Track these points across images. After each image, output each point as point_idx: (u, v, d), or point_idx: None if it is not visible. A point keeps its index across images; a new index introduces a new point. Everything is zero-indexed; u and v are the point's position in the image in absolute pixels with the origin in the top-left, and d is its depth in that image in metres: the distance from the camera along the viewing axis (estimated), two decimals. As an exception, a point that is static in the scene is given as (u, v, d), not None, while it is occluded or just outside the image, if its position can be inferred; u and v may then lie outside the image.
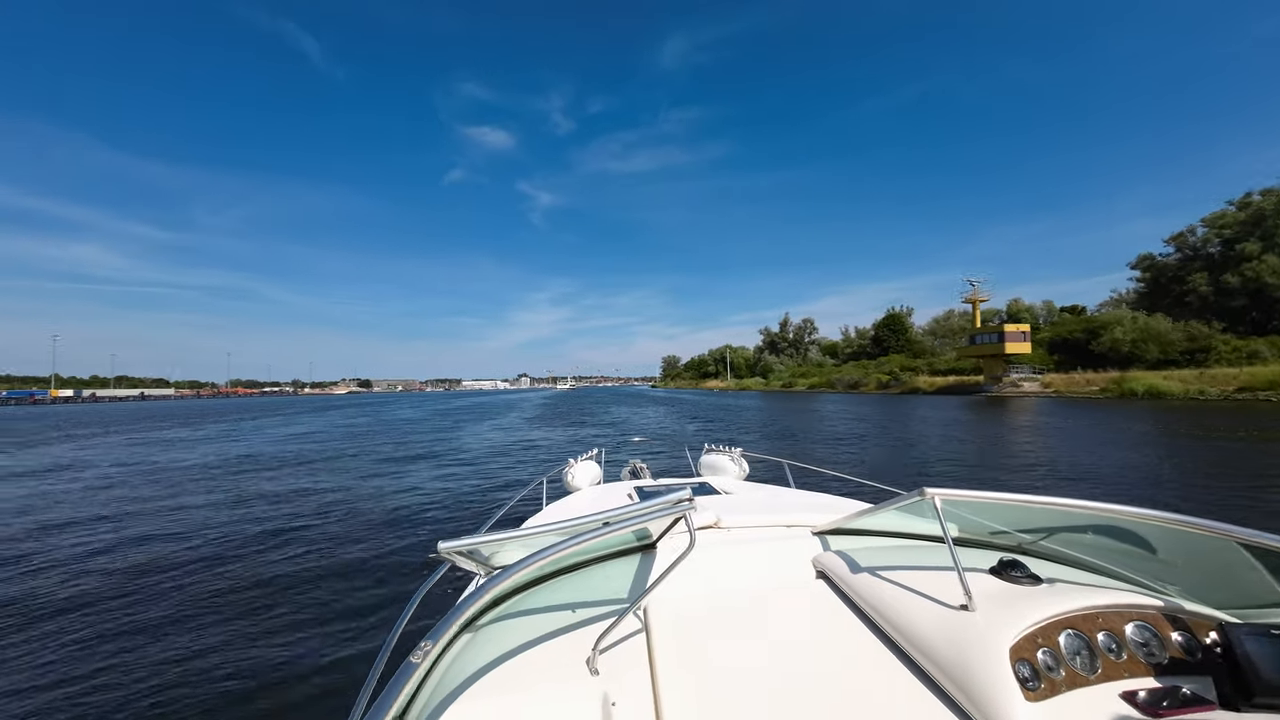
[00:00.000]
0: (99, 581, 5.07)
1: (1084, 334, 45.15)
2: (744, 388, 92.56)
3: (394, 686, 0.91)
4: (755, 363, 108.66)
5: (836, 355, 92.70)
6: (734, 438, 18.07)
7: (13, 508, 8.46)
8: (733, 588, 1.54)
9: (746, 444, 6.54)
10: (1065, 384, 39.60)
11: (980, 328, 48.96)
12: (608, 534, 1.17)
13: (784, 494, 2.77)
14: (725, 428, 21.62)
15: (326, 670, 3.40)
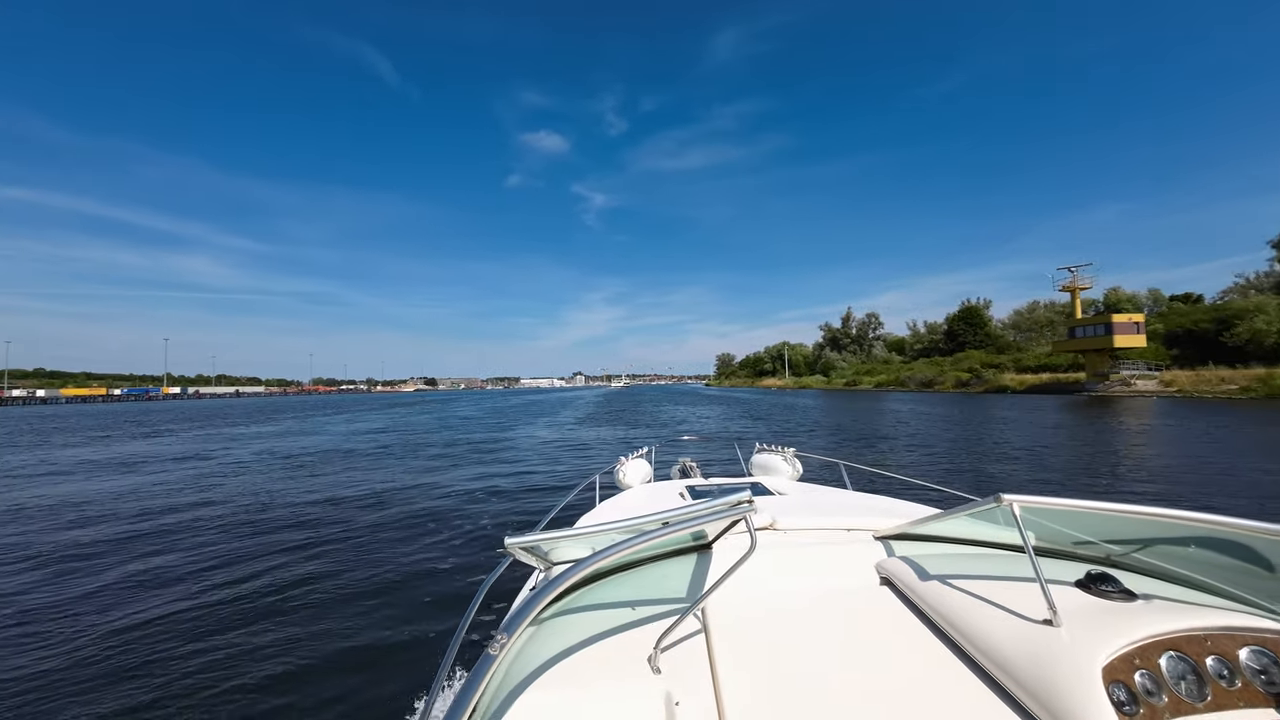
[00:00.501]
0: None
1: (1213, 325, 39.02)
2: (803, 386, 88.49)
3: (475, 677, 0.92)
4: (815, 360, 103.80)
5: (903, 352, 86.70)
6: (792, 438, 16.79)
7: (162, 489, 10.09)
8: (792, 591, 1.51)
9: (801, 444, 5.99)
10: (1192, 382, 34.29)
11: (1082, 319, 43.28)
12: (667, 534, 1.17)
13: (842, 496, 2.66)
14: (786, 428, 19.77)
15: (396, 650, 3.70)
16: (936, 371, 58.73)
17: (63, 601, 4.74)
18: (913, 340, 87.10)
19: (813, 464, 4.29)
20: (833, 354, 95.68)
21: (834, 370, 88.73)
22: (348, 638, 3.94)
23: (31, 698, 3.28)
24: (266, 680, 3.38)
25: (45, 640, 4.02)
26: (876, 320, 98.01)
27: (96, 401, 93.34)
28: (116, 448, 17.52)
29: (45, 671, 3.55)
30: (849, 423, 21.75)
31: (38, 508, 8.66)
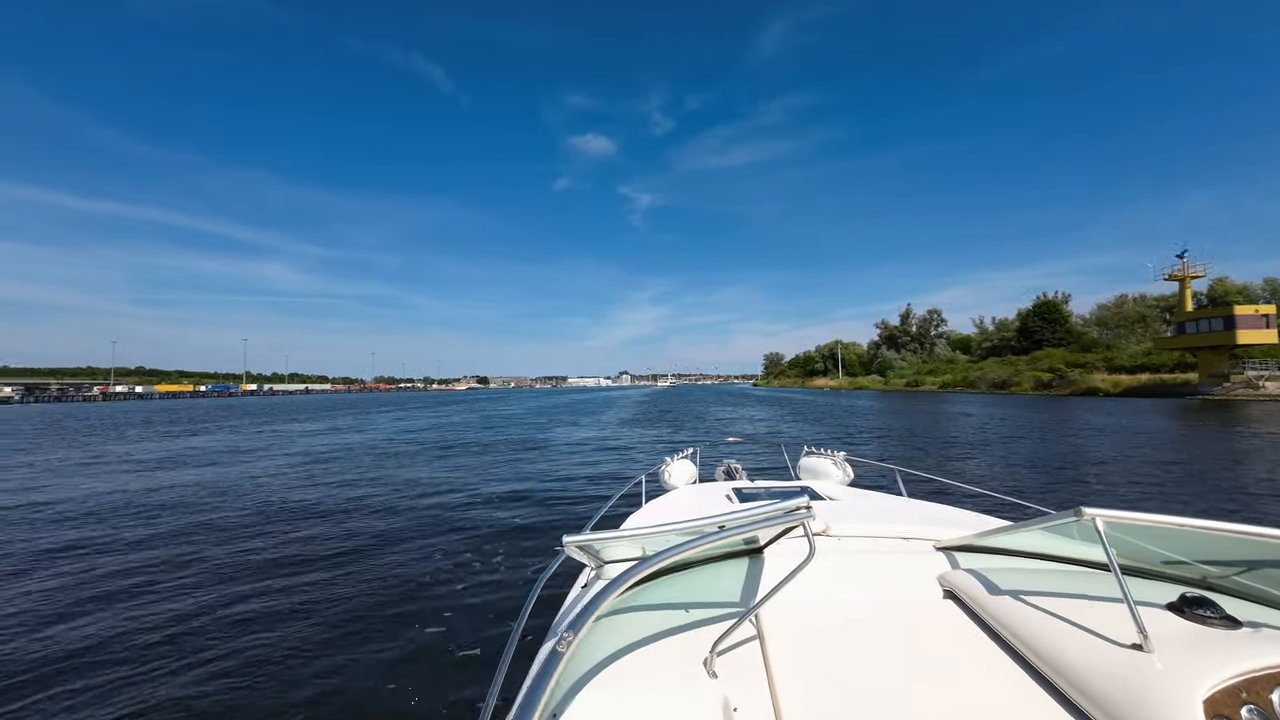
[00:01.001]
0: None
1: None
2: (858, 386, 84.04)
3: (544, 673, 0.91)
4: (871, 359, 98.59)
5: (969, 350, 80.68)
6: (857, 444, 15.24)
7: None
8: (849, 600, 1.46)
9: (854, 448, 6.21)
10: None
11: (1195, 313, 37.97)
12: (724, 538, 1.15)
13: (898, 503, 2.55)
14: (847, 433, 17.86)
15: (449, 641, 3.78)
16: (1011, 371, 53.76)
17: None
18: (980, 338, 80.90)
19: (864, 469, 4.15)
20: (890, 353, 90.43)
21: (892, 370, 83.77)
22: (400, 630, 4.02)
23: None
24: (318, 679, 3.35)
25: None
26: (939, 317, 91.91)
27: (185, 397, 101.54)
28: (202, 440, 18.97)
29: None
30: (920, 427, 19.55)
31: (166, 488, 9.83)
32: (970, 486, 3.20)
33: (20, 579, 5.24)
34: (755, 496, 2.64)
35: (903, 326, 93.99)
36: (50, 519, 7.66)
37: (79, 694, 3.24)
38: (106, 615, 4.35)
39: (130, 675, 3.44)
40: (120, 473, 11.81)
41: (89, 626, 4.16)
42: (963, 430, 18.15)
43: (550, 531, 6.45)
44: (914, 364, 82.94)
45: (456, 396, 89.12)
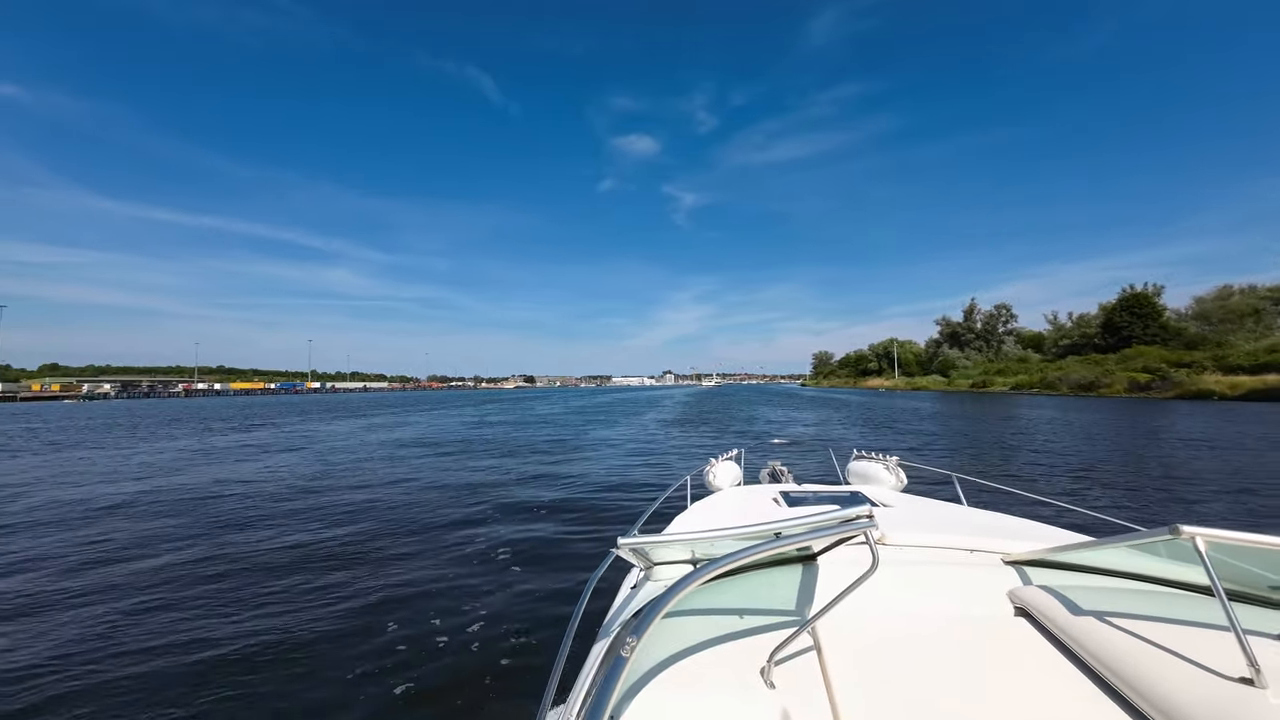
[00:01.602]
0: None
1: None
2: (917, 387, 79.02)
3: (611, 677, 0.89)
4: (930, 358, 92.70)
5: (1041, 349, 74.10)
6: (914, 449, 14.17)
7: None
8: (910, 613, 1.41)
9: (905, 453, 5.86)
10: None
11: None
12: (782, 546, 1.12)
13: (959, 512, 2.41)
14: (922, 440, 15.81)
15: (500, 638, 3.72)
16: (1098, 372, 48.50)
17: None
18: (1055, 335, 74.09)
19: (918, 475, 3.90)
20: (953, 351, 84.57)
21: (955, 370, 78.24)
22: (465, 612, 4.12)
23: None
24: (373, 680, 3.30)
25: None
26: (1008, 312, 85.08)
27: (256, 394, 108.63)
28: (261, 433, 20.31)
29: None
30: (995, 433, 17.19)
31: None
32: (1038, 496, 3.01)
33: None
34: (803, 501, 2.49)
35: (966, 323, 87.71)
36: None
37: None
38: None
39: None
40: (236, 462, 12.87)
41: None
42: (1046, 436, 15.74)
43: (572, 543, 6.03)
44: (980, 363, 77.11)
45: (503, 395, 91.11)
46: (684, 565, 1.59)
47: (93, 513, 7.78)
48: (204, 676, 3.34)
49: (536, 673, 3.27)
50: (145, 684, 3.27)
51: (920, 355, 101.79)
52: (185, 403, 66.83)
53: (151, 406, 52.68)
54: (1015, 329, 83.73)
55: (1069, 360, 59.46)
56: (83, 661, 3.53)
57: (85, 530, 6.78)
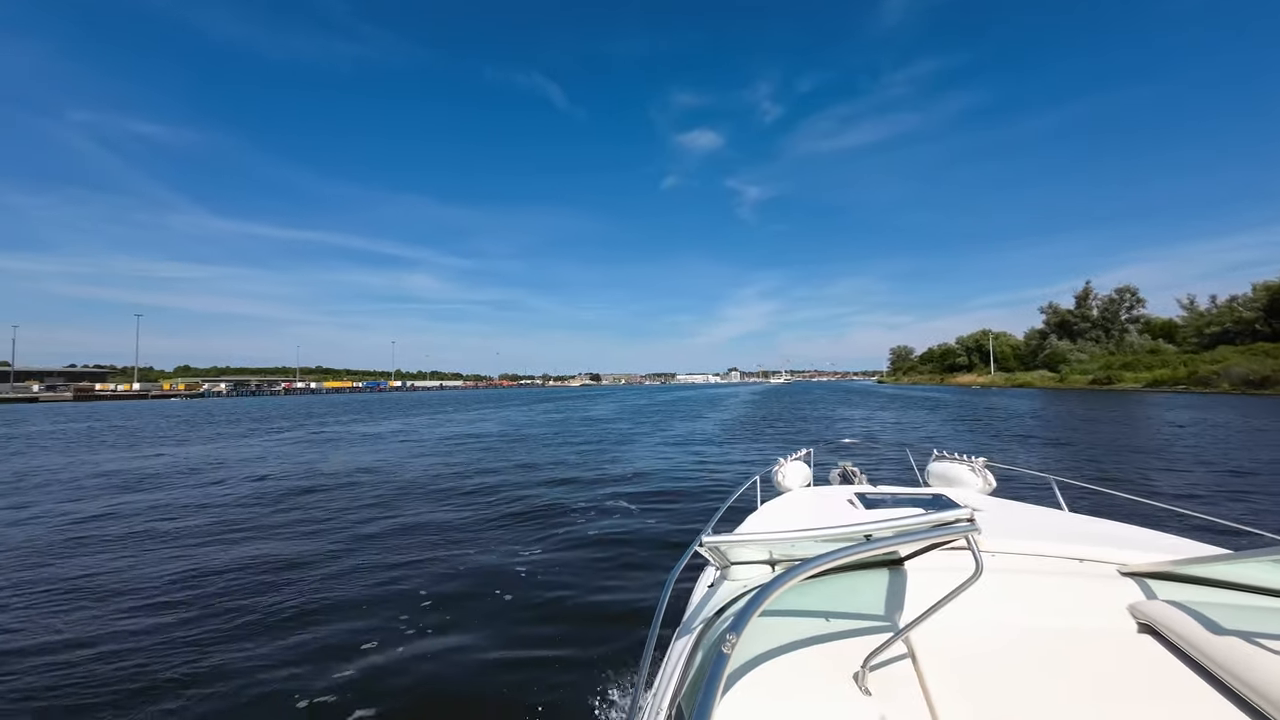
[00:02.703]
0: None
1: None
2: (1019, 383, 69.95)
3: (715, 674, 0.88)
4: (1033, 350, 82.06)
5: (1174, 338, 62.85)
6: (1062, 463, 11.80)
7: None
8: (1016, 625, 1.31)
9: (992, 454, 4.87)
10: None
11: None
12: (873, 550, 1.07)
13: (1063, 519, 2.24)
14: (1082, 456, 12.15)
15: (584, 637, 3.80)
16: (1272, 365, 39.43)
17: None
18: (1196, 322, 62.47)
19: (1008, 478, 3.66)
20: (1063, 343, 74.09)
21: (1066, 364, 68.31)
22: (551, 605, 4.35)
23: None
24: (455, 676, 3.39)
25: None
26: (1133, 296, 73.26)
27: (345, 392, 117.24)
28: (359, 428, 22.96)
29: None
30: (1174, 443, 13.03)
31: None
32: (1154, 503, 2.72)
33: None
34: (881, 503, 2.37)
35: (1079, 310, 76.59)
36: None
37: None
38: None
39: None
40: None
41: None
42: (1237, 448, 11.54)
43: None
44: (1098, 356, 66.74)
45: (570, 392, 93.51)
46: (761, 566, 1.56)
47: (278, 489, 9.42)
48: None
49: (608, 662, 3.41)
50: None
51: (1019, 348, 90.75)
52: (285, 400, 73.67)
53: (257, 403, 58.81)
54: (1141, 315, 71.92)
55: (1222, 350, 49.37)
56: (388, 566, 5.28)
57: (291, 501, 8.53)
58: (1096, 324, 73.86)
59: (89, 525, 7.20)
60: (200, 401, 72.16)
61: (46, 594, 4.79)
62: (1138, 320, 71.66)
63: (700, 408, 34.44)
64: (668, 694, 1.15)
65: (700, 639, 1.37)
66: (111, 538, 6.56)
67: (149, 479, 10.80)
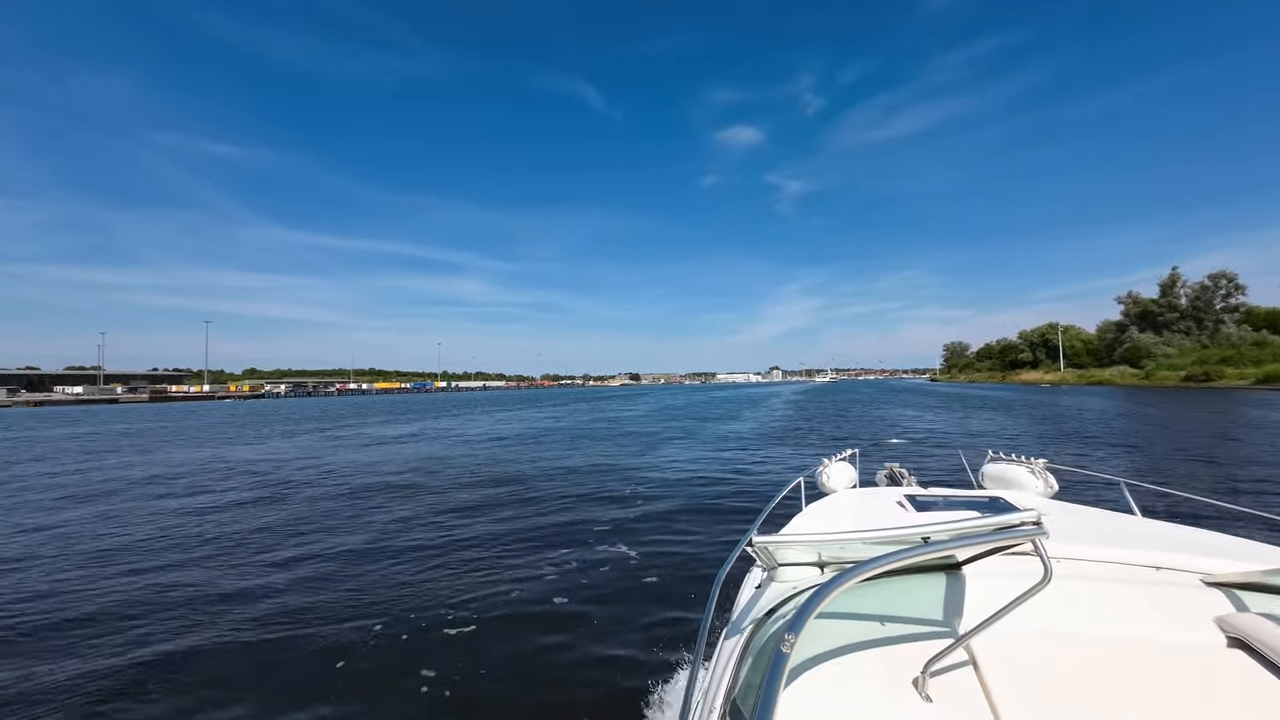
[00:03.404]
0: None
1: None
2: (1095, 380, 63.88)
3: (774, 673, 0.87)
4: (1109, 345, 74.90)
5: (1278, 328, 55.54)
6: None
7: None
8: (1086, 634, 1.24)
9: (1054, 454, 5.39)
10: None
11: None
12: (929, 552, 1.05)
13: (1136, 524, 2.10)
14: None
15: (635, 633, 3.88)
16: None
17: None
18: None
19: (1071, 481, 3.54)
20: (1144, 336, 67.09)
21: (1150, 358, 61.71)
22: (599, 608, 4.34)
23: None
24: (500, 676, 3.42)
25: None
26: (1231, 283, 65.33)
27: (393, 393, 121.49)
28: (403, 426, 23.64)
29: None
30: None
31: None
32: (1239, 507, 2.56)
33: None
34: (933, 505, 2.31)
35: (1165, 299, 69.17)
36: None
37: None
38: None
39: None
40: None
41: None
42: None
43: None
44: (1189, 350, 59.93)
45: (608, 392, 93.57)
46: (809, 568, 1.54)
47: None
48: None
49: (653, 661, 3.46)
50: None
51: (1091, 343, 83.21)
52: (336, 400, 77.19)
53: (310, 403, 62.52)
54: (1243, 304, 64.10)
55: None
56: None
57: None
58: (1186, 314, 66.38)
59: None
60: (259, 402, 76.47)
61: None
62: (1236, 309, 63.85)
63: (741, 409, 32.58)
64: (720, 693, 1.14)
65: (751, 639, 1.35)
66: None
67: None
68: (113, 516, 7.97)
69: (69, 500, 9.25)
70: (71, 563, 5.85)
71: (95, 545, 6.49)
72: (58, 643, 3.97)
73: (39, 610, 4.54)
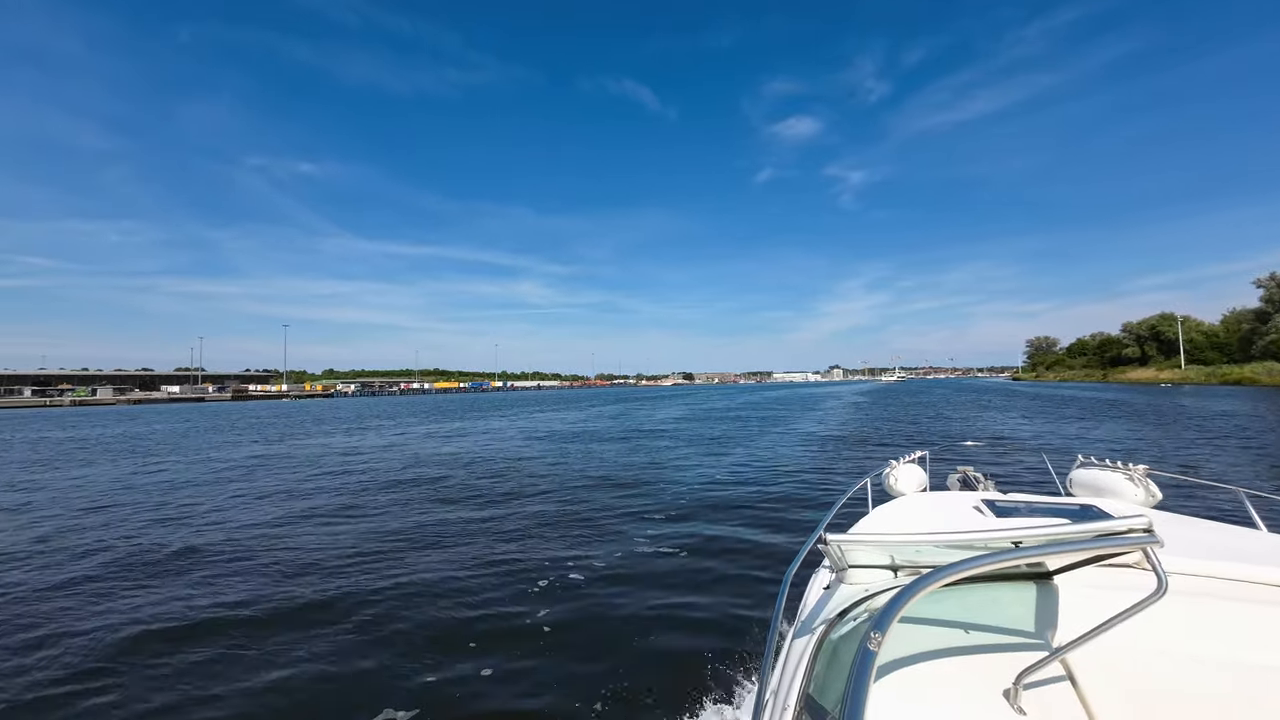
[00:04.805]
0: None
1: None
2: (1230, 379, 54.07)
3: (863, 672, 0.86)
4: (1245, 338, 63.48)
5: None
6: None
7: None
8: (1202, 657, 1.17)
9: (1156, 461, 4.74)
10: None
11: None
12: (1019, 557, 1.00)
13: (1262, 538, 1.89)
14: None
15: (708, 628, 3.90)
16: None
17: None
18: None
19: (1178, 489, 3.44)
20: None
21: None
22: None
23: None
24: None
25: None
26: None
27: (451, 392, 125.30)
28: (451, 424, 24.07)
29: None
30: None
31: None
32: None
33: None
34: (1014, 512, 2.15)
35: (1323, 281, 57.51)
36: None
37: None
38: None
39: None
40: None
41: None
42: None
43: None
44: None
45: (661, 392, 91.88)
46: (881, 570, 1.51)
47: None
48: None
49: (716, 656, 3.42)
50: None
51: (1216, 335, 71.29)
52: (398, 399, 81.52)
53: (372, 403, 65.67)
54: None
55: None
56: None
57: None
58: (1353, 299, 54.84)
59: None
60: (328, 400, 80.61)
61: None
62: None
63: (794, 412, 28.91)
64: (793, 690, 1.11)
65: (824, 638, 1.32)
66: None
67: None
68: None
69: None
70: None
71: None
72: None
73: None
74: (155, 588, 5.12)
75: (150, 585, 5.19)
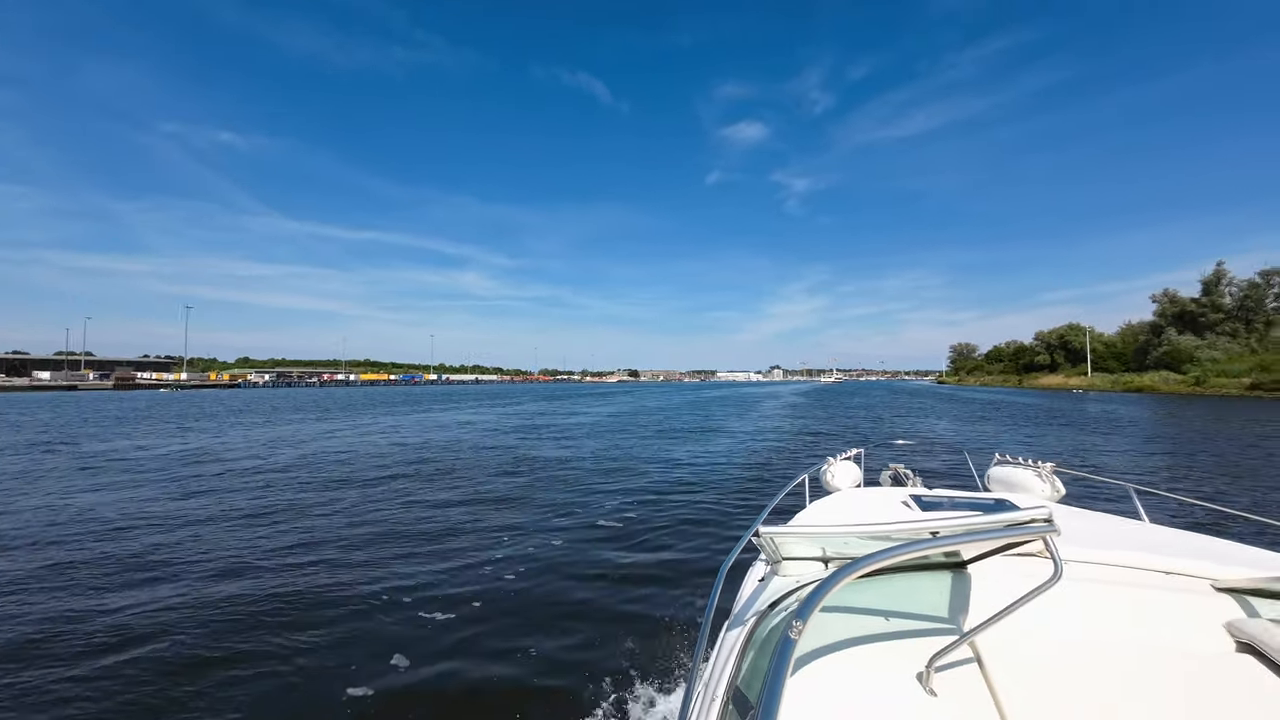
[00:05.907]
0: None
1: None
2: (1131, 387, 57.82)
3: (782, 658, 0.88)
4: (1141, 348, 68.69)
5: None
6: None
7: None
8: (1095, 639, 1.24)
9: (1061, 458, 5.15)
10: None
11: None
12: (936, 546, 1.05)
13: (1145, 530, 2.08)
14: None
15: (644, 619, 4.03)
16: None
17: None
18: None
19: (1080, 485, 3.55)
20: (1184, 338, 60.84)
21: (1195, 363, 55.54)
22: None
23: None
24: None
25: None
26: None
27: (380, 385, 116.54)
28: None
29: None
30: None
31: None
32: (1249, 515, 2.48)
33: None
34: (938, 506, 2.29)
35: (1208, 298, 62.80)
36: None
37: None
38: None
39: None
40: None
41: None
42: None
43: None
44: (1240, 355, 53.70)
45: (604, 389, 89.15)
46: (814, 563, 1.57)
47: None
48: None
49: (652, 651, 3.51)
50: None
51: (1115, 345, 77.12)
52: (314, 391, 73.08)
53: (282, 395, 58.10)
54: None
55: None
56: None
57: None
58: (1232, 315, 60.11)
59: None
60: (229, 391, 71.65)
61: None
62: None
63: (727, 412, 26.90)
64: (722, 681, 1.15)
65: (754, 630, 1.36)
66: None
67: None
68: None
69: None
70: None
71: None
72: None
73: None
74: None
75: None
